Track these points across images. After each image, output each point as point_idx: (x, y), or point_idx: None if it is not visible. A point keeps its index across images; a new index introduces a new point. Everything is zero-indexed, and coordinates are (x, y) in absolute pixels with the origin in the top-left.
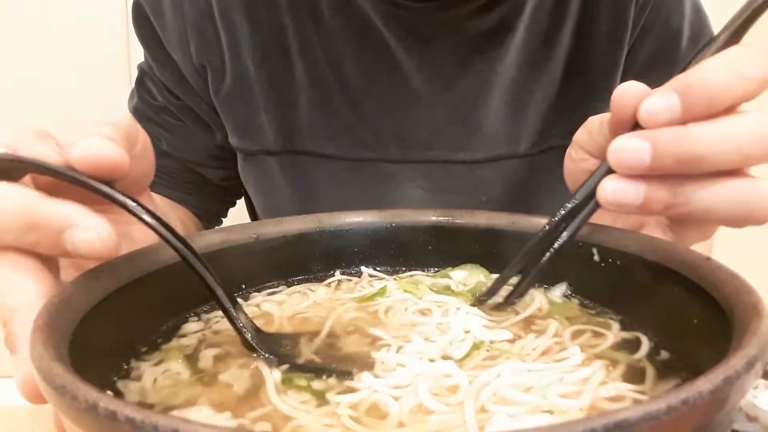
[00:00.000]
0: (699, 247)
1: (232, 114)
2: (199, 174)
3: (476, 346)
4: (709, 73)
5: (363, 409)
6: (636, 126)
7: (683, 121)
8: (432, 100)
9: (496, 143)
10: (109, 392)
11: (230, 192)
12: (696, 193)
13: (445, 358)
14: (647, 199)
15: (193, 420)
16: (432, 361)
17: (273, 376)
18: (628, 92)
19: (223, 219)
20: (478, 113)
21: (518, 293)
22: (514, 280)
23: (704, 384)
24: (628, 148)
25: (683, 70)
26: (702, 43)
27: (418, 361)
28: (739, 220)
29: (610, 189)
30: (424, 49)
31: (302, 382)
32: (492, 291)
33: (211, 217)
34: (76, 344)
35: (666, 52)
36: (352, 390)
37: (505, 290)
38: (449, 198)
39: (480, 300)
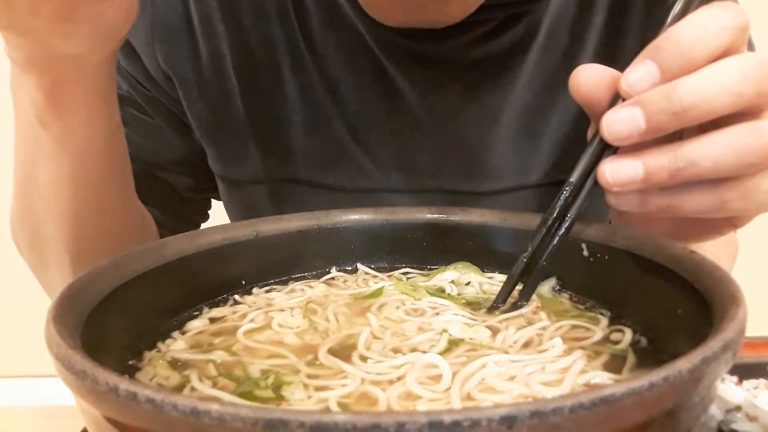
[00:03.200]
0: (720, 250)
1: (214, 138)
2: (164, 182)
3: (455, 343)
4: (675, 34)
5: (353, 398)
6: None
7: (664, 83)
8: (435, 128)
9: (504, 174)
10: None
11: (196, 208)
12: (698, 149)
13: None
14: (649, 169)
15: (210, 396)
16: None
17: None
18: (580, 80)
19: None
20: (485, 142)
21: (527, 293)
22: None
23: (684, 363)
24: (619, 119)
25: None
26: None
27: (392, 355)
28: (749, 166)
29: (608, 171)
30: (425, 75)
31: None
32: (502, 297)
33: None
34: (86, 335)
35: None
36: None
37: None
38: None
39: (491, 309)
